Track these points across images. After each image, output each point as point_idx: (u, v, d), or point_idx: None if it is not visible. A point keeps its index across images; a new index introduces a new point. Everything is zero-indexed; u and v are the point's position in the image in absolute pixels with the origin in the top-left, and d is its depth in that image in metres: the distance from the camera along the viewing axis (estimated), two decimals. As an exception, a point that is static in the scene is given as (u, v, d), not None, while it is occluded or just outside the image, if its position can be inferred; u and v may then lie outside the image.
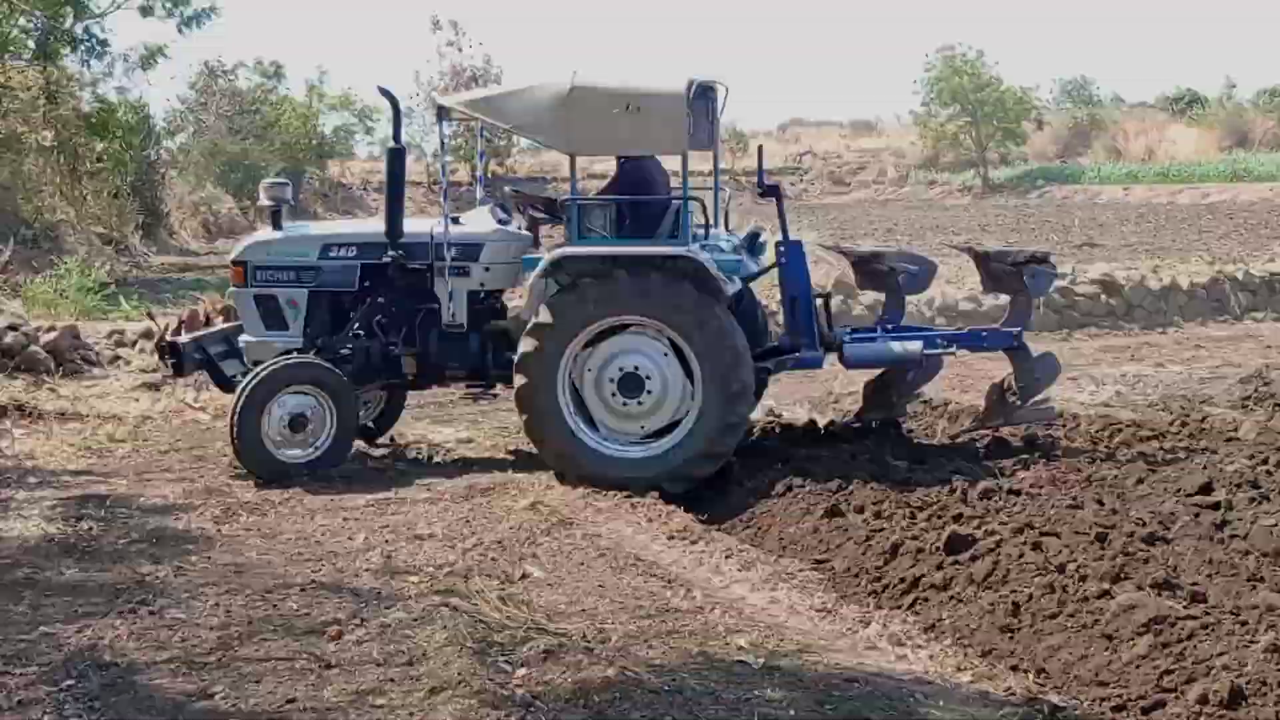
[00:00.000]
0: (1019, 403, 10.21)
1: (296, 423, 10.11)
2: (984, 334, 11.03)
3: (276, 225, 10.94)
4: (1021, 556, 7.31)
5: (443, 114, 11.17)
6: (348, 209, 71.50)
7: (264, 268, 10.73)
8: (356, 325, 10.87)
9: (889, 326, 10.82)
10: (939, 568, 7.54)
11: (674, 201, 10.32)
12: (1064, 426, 10.66)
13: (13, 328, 14.30)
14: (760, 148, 14.37)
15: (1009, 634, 6.69)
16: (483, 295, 10.81)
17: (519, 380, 9.91)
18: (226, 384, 11.05)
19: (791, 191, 60.47)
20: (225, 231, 47.54)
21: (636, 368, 9.94)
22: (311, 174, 66.82)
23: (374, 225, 11.32)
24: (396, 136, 11.07)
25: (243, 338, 10.86)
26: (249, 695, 5.91)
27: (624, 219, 10.37)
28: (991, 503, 8.50)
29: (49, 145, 28.11)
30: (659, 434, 10.00)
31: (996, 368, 14.70)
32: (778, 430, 11.37)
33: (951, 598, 7.26)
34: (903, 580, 7.60)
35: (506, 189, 12.30)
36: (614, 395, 10.00)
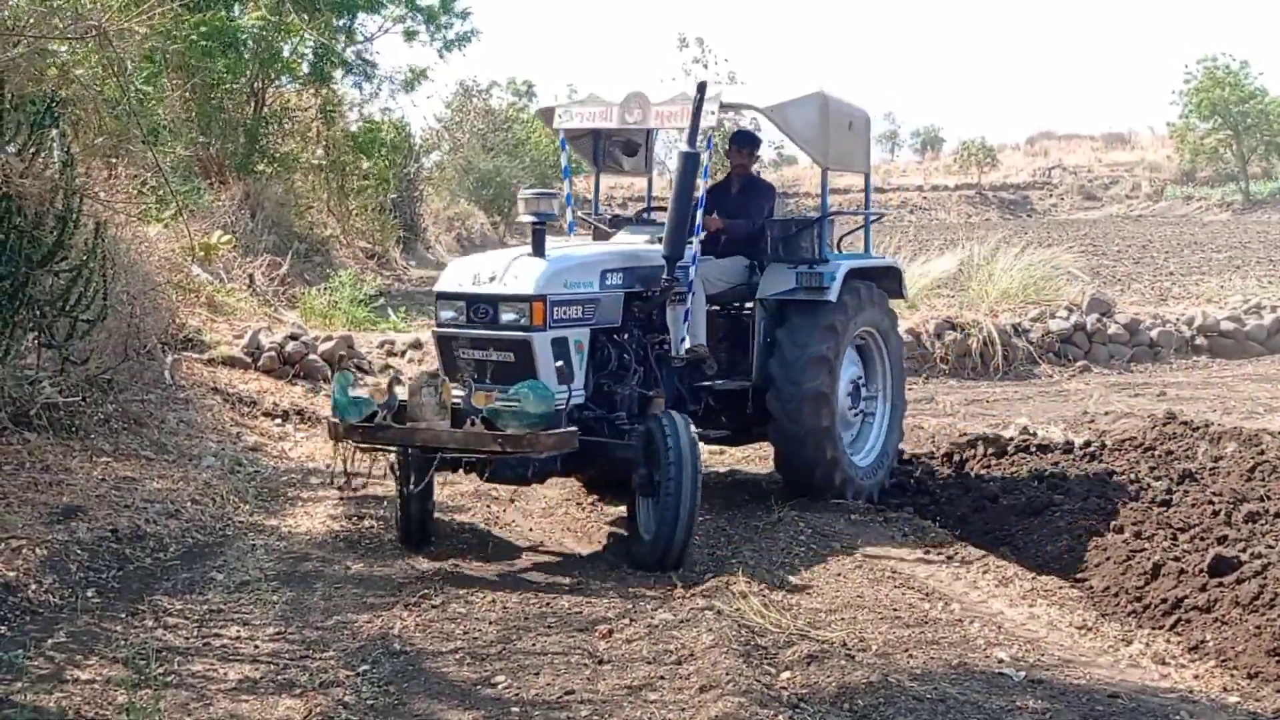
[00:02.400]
0: None
1: None
2: None
3: (539, 248, 8.56)
4: (1289, 581, 7.16)
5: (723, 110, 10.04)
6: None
7: (560, 303, 8.50)
8: (618, 369, 9.15)
9: None
10: (1202, 589, 7.44)
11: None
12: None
13: (293, 337, 14.88)
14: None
15: (1277, 657, 6.58)
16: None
17: (812, 396, 9.53)
18: None
19: (1040, 206, 59.09)
20: (477, 245, 48.69)
21: (860, 378, 10.32)
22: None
23: (635, 246, 9.65)
24: (692, 139, 9.00)
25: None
26: (529, 685, 6.15)
27: (761, 239, 10.21)
28: (1257, 525, 8.33)
29: (320, 164, 29.15)
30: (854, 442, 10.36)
31: (1259, 390, 14.37)
32: (1033, 449, 11.27)
33: (1216, 620, 7.15)
34: (1164, 600, 7.53)
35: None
36: (850, 407, 10.19)
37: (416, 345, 15.41)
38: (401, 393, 8.23)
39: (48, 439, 10.12)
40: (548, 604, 7.42)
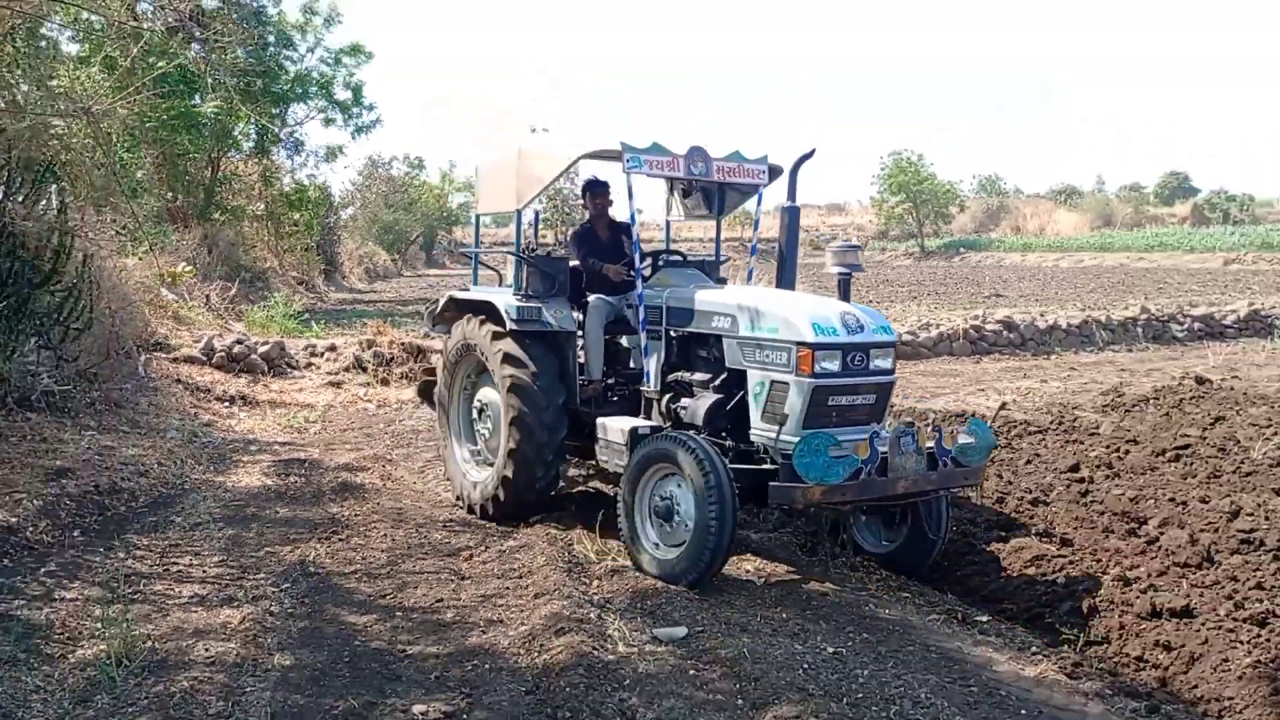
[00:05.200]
0: None
1: None
2: None
3: (845, 294, 6.82)
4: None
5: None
6: (467, 261, 72.21)
7: None
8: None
9: None
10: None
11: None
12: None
13: (239, 341, 14.44)
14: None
15: None
16: None
17: None
18: None
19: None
20: (380, 276, 47.96)
21: None
22: (441, 235, 67.43)
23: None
24: (792, 194, 7.48)
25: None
26: (410, 596, 6.07)
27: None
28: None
29: (261, 214, 28.56)
30: None
31: (927, 381, 14.81)
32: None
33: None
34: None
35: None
36: None
37: (332, 348, 15.05)
38: (881, 445, 6.08)
39: (45, 418, 9.70)
40: (425, 537, 7.30)
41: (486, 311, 7.88)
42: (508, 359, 7.45)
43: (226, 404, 12.54)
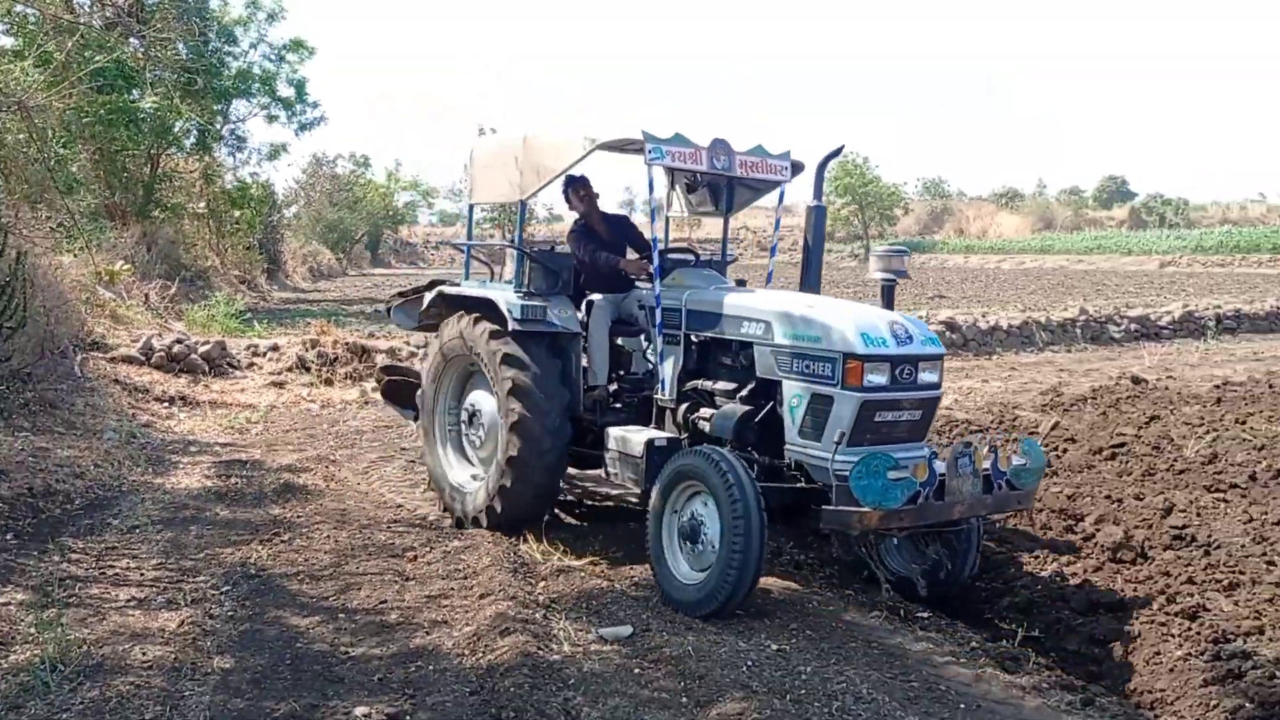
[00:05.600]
0: None
1: None
2: None
3: (889, 302, 6.45)
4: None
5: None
6: (413, 260, 71.60)
7: None
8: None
9: None
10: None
11: None
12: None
13: (179, 341, 14.20)
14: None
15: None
16: None
17: None
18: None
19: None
20: (325, 275, 47.45)
21: None
22: (387, 234, 66.87)
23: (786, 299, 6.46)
24: (818, 192, 7.01)
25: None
26: (353, 598, 6.00)
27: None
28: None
29: (202, 212, 28.15)
30: None
31: None
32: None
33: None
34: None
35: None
36: None
37: (275, 348, 14.85)
38: (939, 466, 5.67)
39: (-23, 419, 9.44)
40: (369, 538, 7.22)
41: (483, 309, 7.31)
42: (508, 360, 6.91)
43: (166, 404, 12.32)
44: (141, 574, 6.34)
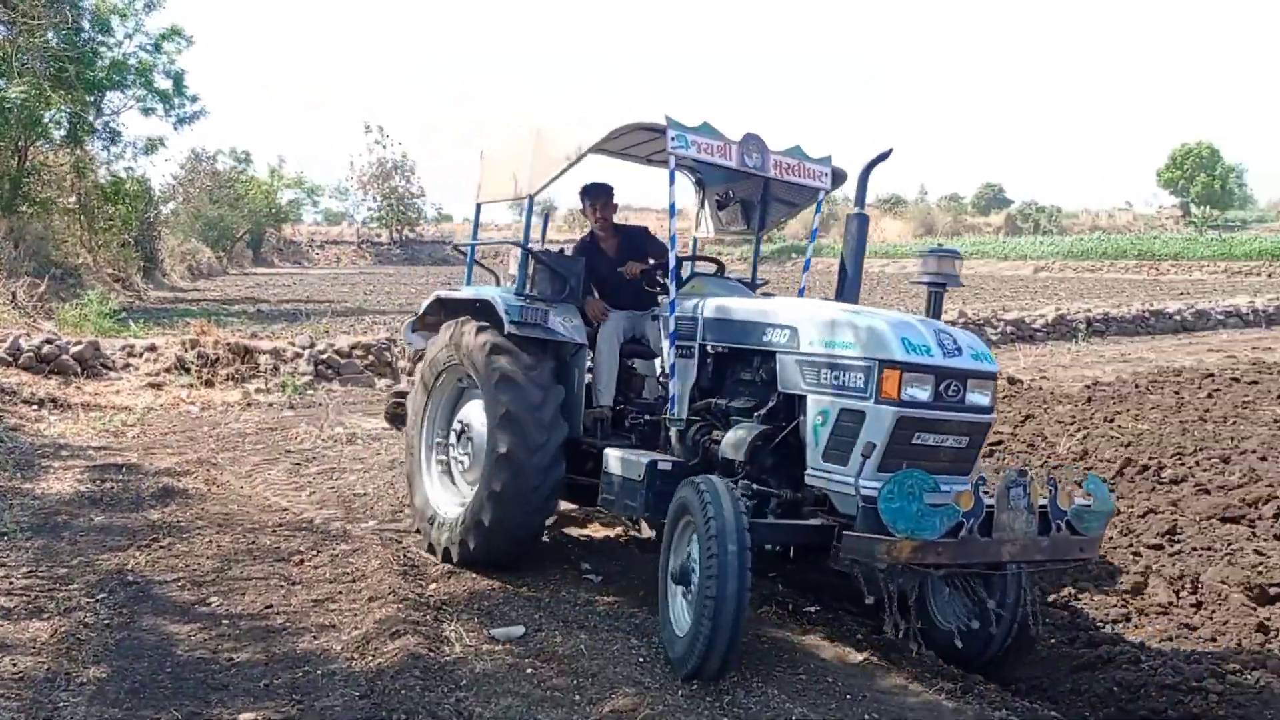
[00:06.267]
0: None
1: None
2: None
3: (936, 310, 5.54)
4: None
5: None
6: (297, 259, 70.05)
7: None
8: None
9: None
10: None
11: None
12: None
13: (49, 341, 13.66)
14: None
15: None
16: None
17: None
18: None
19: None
20: (205, 274, 46.18)
21: None
22: (270, 233, 65.31)
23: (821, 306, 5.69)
24: (860, 200, 6.08)
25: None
26: (237, 603, 5.86)
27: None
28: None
29: (74, 208, 27.12)
30: None
31: None
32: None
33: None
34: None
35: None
36: None
37: (152, 349, 14.37)
38: (987, 496, 4.62)
39: None
40: (253, 542, 7.05)
41: (479, 312, 6.61)
42: (500, 371, 6.15)
43: (35, 407, 11.83)
44: (10, 583, 6.07)
